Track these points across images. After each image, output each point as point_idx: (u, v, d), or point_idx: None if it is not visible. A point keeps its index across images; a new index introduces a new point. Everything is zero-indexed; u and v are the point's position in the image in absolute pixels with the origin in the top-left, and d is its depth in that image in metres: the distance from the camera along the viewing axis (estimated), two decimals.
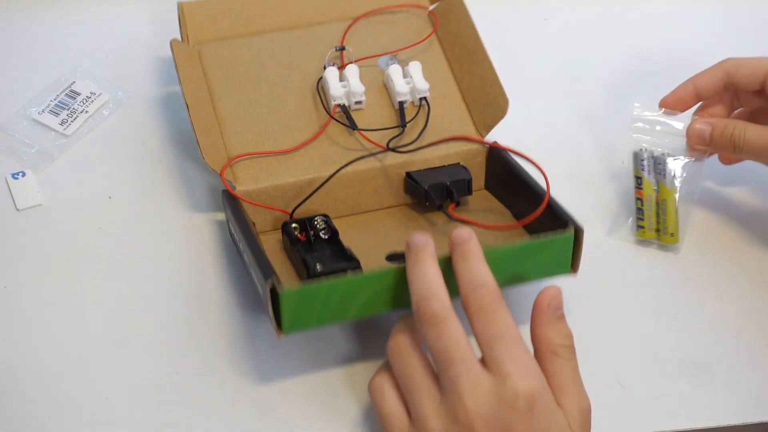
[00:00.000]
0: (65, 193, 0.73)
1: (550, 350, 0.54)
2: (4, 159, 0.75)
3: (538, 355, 0.54)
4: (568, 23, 0.91)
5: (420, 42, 0.77)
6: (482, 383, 0.50)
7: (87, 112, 0.78)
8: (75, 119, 0.78)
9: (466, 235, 0.55)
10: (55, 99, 0.79)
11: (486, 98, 0.72)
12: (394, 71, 0.73)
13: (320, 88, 0.73)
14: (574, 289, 0.63)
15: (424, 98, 0.72)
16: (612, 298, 0.68)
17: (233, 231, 0.67)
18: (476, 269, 0.53)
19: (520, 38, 0.88)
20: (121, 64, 0.83)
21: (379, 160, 0.70)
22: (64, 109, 0.78)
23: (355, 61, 0.74)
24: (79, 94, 0.79)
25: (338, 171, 0.67)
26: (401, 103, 0.72)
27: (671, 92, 0.71)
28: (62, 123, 0.77)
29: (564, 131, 0.80)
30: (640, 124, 0.71)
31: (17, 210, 0.71)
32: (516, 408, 0.49)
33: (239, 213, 0.65)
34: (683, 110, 0.71)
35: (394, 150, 0.70)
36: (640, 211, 0.69)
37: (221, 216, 0.71)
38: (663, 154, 0.69)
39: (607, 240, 0.71)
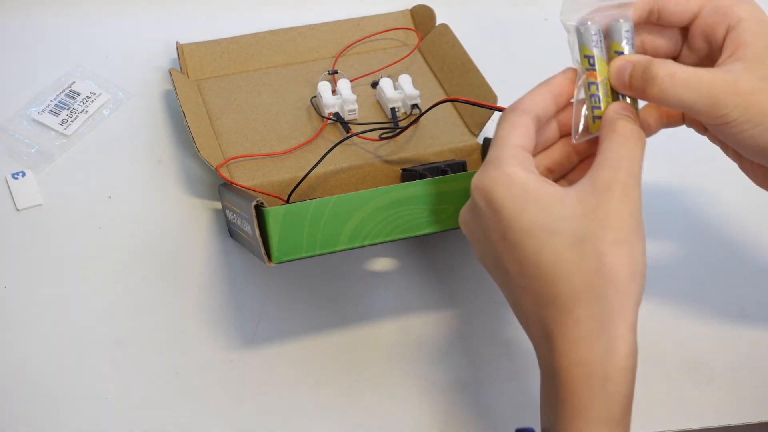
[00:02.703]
0: (65, 193, 0.73)
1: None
2: (4, 159, 0.75)
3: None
4: None
5: (407, 56, 0.80)
6: None
7: (87, 112, 0.78)
8: (75, 119, 0.78)
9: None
10: (55, 99, 0.79)
11: (475, 99, 0.73)
12: (385, 84, 0.75)
13: (314, 102, 0.76)
14: None
15: (416, 105, 0.73)
16: None
17: (230, 217, 0.67)
18: None
19: (520, 38, 0.88)
20: (121, 64, 0.83)
21: (375, 158, 0.71)
22: (64, 109, 0.78)
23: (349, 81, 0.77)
24: (79, 94, 0.79)
25: (334, 147, 0.68)
26: (393, 109, 0.74)
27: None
28: (62, 123, 0.77)
29: None
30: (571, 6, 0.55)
31: (17, 210, 0.71)
32: None
33: (234, 192, 0.65)
34: None
35: (386, 139, 0.71)
36: (595, 98, 0.52)
37: (221, 216, 0.71)
38: (618, 22, 0.53)
39: None
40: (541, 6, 0.91)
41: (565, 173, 0.55)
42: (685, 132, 0.57)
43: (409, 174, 0.70)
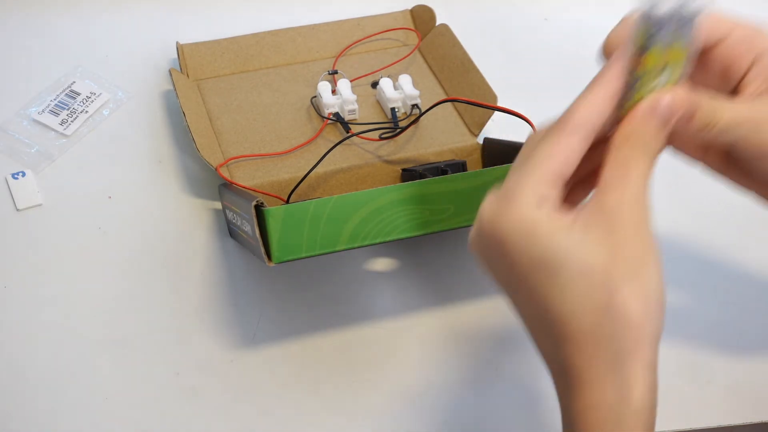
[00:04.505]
0: (65, 193, 0.73)
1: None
2: (4, 159, 0.75)
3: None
4: (568, 23, 0.91)
5: (407, 56, 0.79)
6: None
7: (87, 112, 0.78)
8: (75, 119, 0.78)
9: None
10: (55, 99, 0.79)
11: (474, 99, 0.73)
12: (385, 84, 0.75)
13: (314, 102, 0.76)
14: None
15: (416, 105, 0.73)
16: None
17: (230, 217, 0.67)
18: None
19: (520, 38, 0.88)
20: (121, 64, 0.83)
21: (375, 158, 0.71)
22: (64, 109, 0.78)
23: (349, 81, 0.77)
24: (79, 94, 0.79)
25: (334, 147, 0.68)
26: (393, 109, 0.74)
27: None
28: (62, 123, 0.77)
29: None
30: None
31: (17, 210, 0.71)
32: None
33: (234, 192, 0.66)
34: None
35: (385, 139, 0.71)
36: (630, 87, 0.47)
37: (221, 216, 0.71)
38: (681, 6, 0.45)
39: None
40: (541, 6, 0.91)
41: None
42: None
43: (409, 174, 0.70)
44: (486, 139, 0.72)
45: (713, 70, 0.52)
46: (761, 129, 0.48)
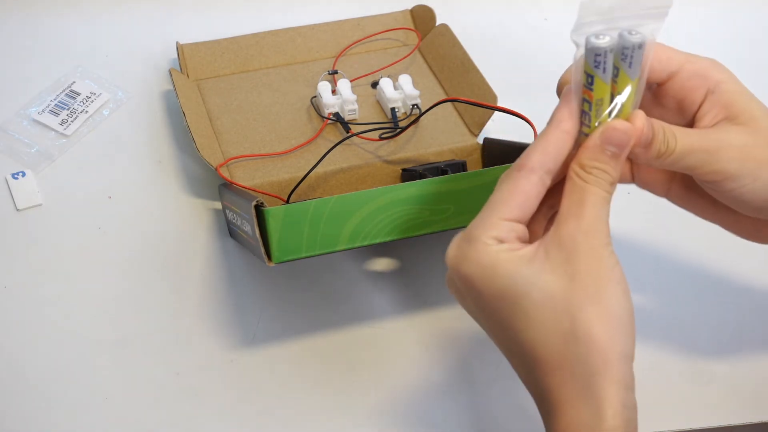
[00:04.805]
0: (65, 193, 0.73)
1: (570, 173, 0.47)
2: (4, 159, 0.75)
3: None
4: (568, 23, 0.90)
5: (407, 56, 0.79)
6: None
7: (87, 112, 0.78)
8: (75, 119, 0.78)
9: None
10: (55, 99, 0.79)
11: (474, 98, 0.73)
12: (385, 84, 0.75)
13: (314, 102, 0.76)
14: None
15: (416, 105, 0.73)
16: None
17: (230, 217, 0.67)
18: None
19: (520, 38, 0.88)
20: (121, 64, 0.83)
21: (375, 158, 0.71)
22: (64, 109, 0.78)
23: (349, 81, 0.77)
24: (79, 94, 0.79)
25: (334, 147, 0.68)
26: (393, 109, 0.74)
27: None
28: (62, 123, 0.77)
29: None
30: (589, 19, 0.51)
31: (17, 210, 0.71)
32: None
33: (234, 192, 0.66)
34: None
35: (385, 139, 0.71)
36: (586, 116, 0.49)
37: (221, 216, 0.71)
38: (629, 34, 0.48)
39: None
40: (541, 6, 0.91)
41: None
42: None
43: (409, 174, 0.70)
44: (486, 139, 0.72)
45: (668, 104, 0.53)
46: (713, 156, 0.49)
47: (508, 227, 0.47)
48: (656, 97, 0.53)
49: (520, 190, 0.47)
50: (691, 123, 0.52)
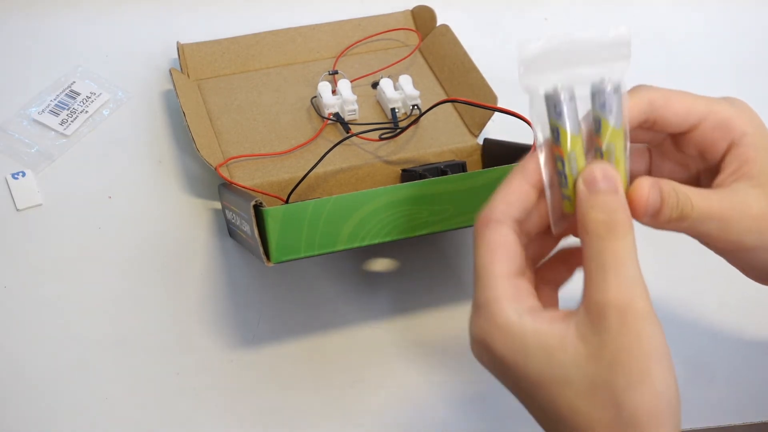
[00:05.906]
0: (65, 193, 0.73)
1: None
2: (4, 159, 0.75)
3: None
4: (568, 23, 0.91)
5: (407, 56, 0.79)
6: None
7: (87, 112, 0.78)
8: (75, 119, 0.78)
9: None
10: (55, 99, 0.79)
11: (475, 99, 0.73)
12: (386, 84, 0.75)
13: (314, 102, 0.76)
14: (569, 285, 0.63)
15: (416, 105, 0.73)
16: None
17: (230, 217, 0.67)
18: None
19: (520, 38, 0.88)
20: (121, 64, 0.83)
21: (375, 159, 0.71)
22: (64, 109, 0.78)
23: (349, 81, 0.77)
24: (79, 94, 0.79)
25: (334, 147, 0.68)
26: (393, 109, 0.74)
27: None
28: (62, 123, 0.77)
29: None
30: (537, 63, 0.46)
31: (17, 210, 0.71)
32: None
33: (234, 192, 0.66)
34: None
35: (385, 139, 0.71)
36: (561, 175, 0.45)
37: (221, 216, 0.71)
38: (602, 82, 0.45)
39: None
40: (541, 6, 0.91)
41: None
42: None
43: (409, 174, 0.70)
44: (486, 140, 0.72)
45: (689, 152, 0.51)
46: (730, 226, 0.47)
47: (515, 284, 0.44)
48: (677, 143, 0.51)
49: (497, 242, 0.45)
50: (714, 170, 0.50)
